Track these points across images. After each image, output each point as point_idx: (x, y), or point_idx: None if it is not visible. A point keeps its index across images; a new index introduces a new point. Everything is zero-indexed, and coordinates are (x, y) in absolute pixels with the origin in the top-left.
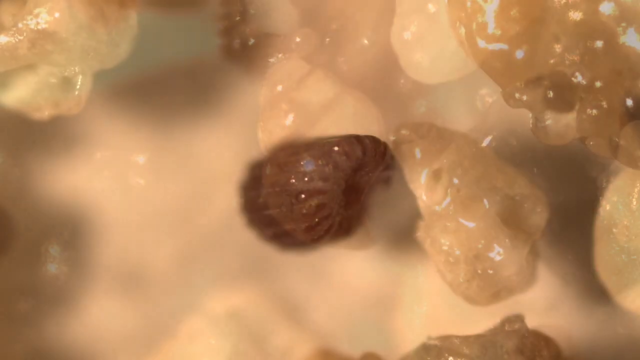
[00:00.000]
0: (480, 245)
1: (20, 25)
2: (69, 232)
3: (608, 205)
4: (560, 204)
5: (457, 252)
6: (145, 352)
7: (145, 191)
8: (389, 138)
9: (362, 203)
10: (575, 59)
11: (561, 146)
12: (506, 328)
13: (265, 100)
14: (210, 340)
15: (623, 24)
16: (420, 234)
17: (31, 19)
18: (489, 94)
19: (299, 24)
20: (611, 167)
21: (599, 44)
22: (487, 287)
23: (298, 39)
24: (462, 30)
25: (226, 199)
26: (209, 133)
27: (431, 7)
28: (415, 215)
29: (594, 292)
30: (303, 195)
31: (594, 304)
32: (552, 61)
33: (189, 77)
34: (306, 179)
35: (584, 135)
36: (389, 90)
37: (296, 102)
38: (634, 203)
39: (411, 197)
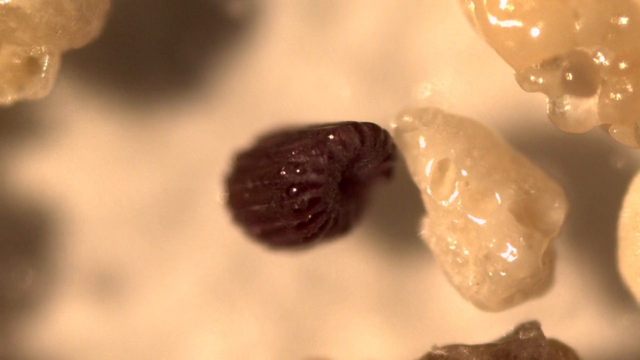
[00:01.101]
0: (491, 245)
1: None
2: (35, 229)
3: (633, 200)
4: (580, 199)
5: (466, 252)
6: None
7: (119, 184)
8: (390, 125)
9: (360, 197)
10: (597, 37)
11: (581, 134)
12: (520, 336)
13: None
14: (191, 350)
15: None
16: (424, 231)
17: None
18: (500, 77)
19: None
20: (637, 157)
21: (624, 20)
22: (499, 290)
23: None
24: (471, 5)
25: (209, 193)
26: (190, 119)
27: None
28: (419, 211)
29: (618, 296)
30: (295, 189)
31: (617, 310)
32: (571, 40)
33: (167, 58)
34: (298, 170)
35: (607, 122)
36: (390, 72)
37: None
38: None
39: (415, 190)
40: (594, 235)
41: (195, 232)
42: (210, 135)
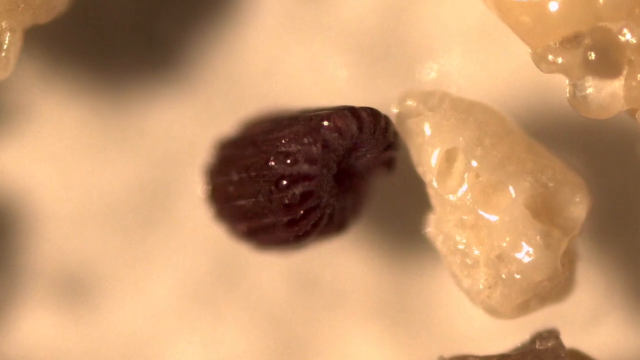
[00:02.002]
0: (504, 244)
1: None
2: None
3: None
4: (603, 193)
5: (476, 252)
6: None
7: (89, 176)
8: (391, 110)
9: (358, 191)
10: (623, 12)
11: (605, 120)
12: (537, 346)
13: None
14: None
15: None
16: (430, 229)
17: None
18: (515, 56)
19: None
20: None
21: None
22: (513, 295)
23: None
24: None
25: (189, 186)
26: (168, 104)
27: None
28: (424, 207)
29: None
30: (285, 182)
31: None
32: (593, 15)
33: (143, 35)
34: (289, 161)
35: (634, 107)
36: (391, 51)
37: None
38: None
39: (419, 183)
40: (619, 233)
41: (174, 229)
42: (190, 122)
